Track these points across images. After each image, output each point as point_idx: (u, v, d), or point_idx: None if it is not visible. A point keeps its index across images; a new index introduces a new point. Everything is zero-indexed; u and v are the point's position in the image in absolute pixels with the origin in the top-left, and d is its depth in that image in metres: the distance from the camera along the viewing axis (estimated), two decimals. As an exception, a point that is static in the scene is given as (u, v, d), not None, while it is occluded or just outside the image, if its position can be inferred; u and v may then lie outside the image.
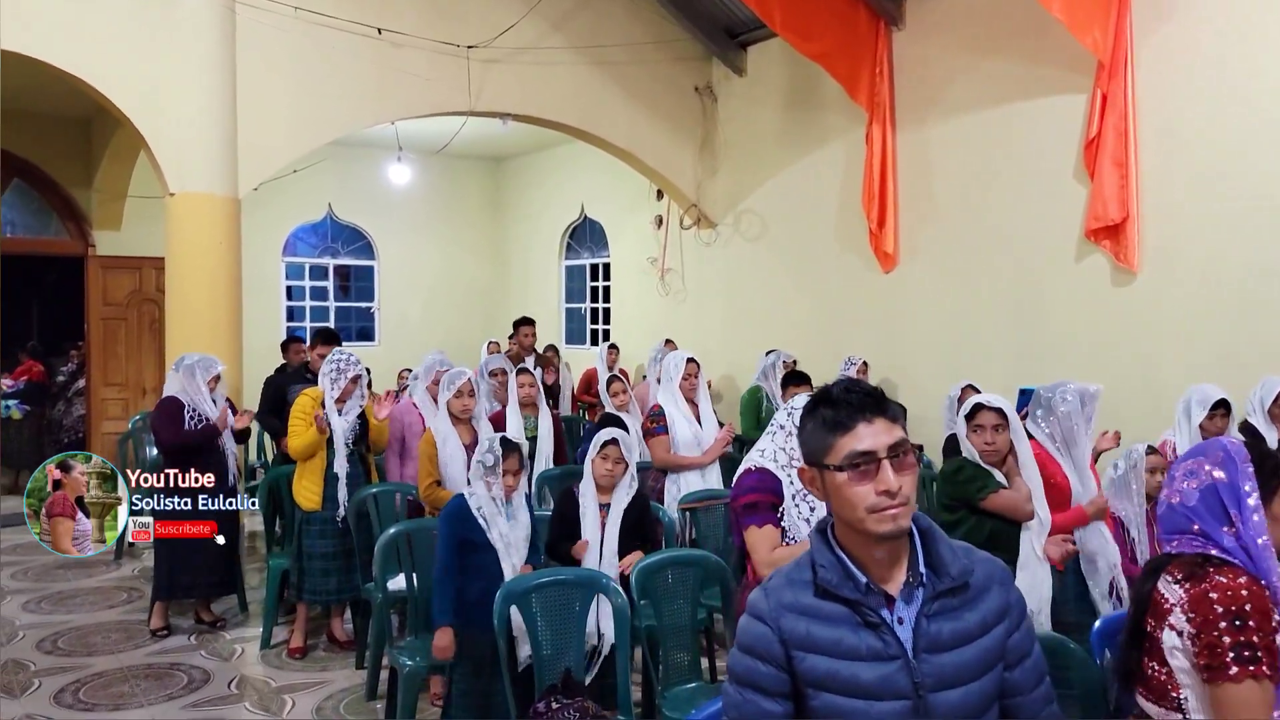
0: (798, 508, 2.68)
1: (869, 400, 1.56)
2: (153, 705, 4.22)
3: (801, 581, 1.57)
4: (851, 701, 1.51)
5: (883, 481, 1.51)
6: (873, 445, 1.53)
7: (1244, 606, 1.72)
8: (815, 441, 1.58)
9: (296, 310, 11.33)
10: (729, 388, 8.66)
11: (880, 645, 1.52)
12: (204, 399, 4.99)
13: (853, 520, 1.54)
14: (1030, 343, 6.26)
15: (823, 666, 1.52)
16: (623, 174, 9.27)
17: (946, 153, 6.83)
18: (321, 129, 6.84)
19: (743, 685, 1.57)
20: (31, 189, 9.00)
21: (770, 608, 1.56)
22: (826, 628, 1.53)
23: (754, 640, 1.56)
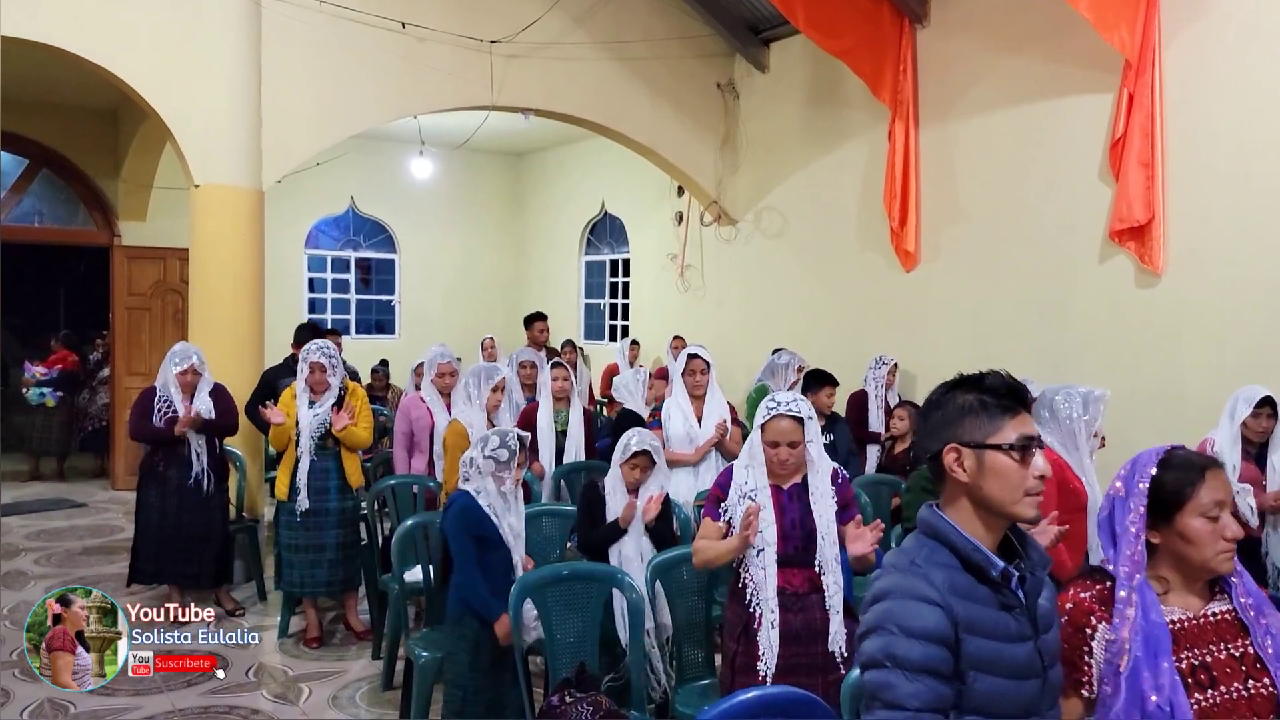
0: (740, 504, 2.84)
1: (1025, 391, 1.66)
2: (172, 691, 4.27)
3: (950, 564, 1.59)
4: (1006, 682, 1.56)
5: (1039, 467, 1.59)
6: (1034, 431, 1.62)
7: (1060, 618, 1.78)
8: (974, 423, 1.62)
9: (318, 302, 11.41)
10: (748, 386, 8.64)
11: (1019, 626, 1.59)
12: (174, 390, 5.04)
13: (1005, 501, 1.59)
14: (1053, 344, 6.20)
15: (987, 648, 1.55)
16: (643, 170, 9.26)
17: (970, 151, 6.78)
18: (345, 122, 6.88)
19: (919, 672, 1.52)
20: (59, 179, 9.09)
21: (939, 591, 1.55)
22: (983, 609, 1.57)
23: (930, 625, 1.53)
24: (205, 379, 5.18)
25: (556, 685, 3.05)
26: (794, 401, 2.86)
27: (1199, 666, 1.75)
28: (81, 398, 9.56)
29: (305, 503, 4.75)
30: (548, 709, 2.97)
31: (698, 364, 4.69)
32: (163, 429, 5.02)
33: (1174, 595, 1.81)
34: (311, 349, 4.83)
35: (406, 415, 5.09)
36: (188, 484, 5.06)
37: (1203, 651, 1.77)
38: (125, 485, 8.68)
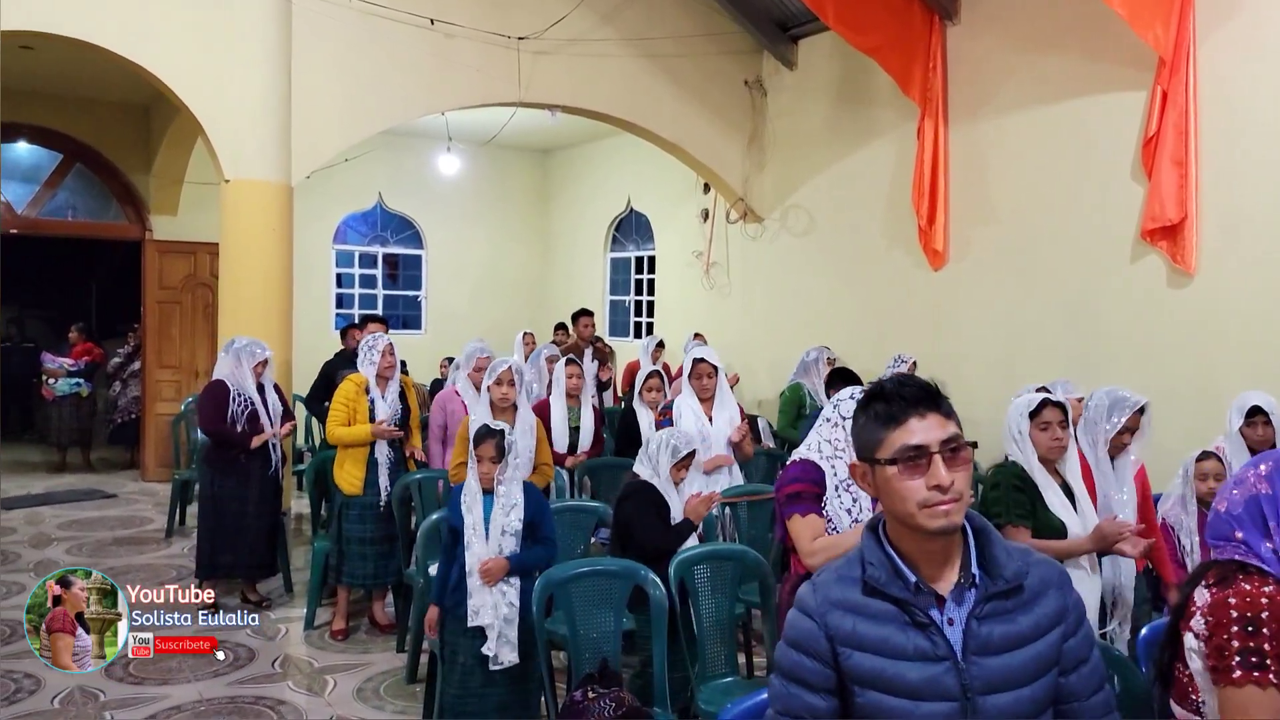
0: (839, 498, 2.69)
1: (922, 395, 1.55)
2: (200, 681, 4.32)
3: (850, 578, 1.56)
4: (897, 700, 1.50)
5: (934, 476, 1.49)
6: (924, 440, 1.52)
7: (1260, 614, 1.69)
8: (867, 435, 1.58)
9: (346, 297, 11.49)
10: (773, 383, 8.61)
11: (928, 645, 1.50)
12: (249, 384, 5.08)
13: (904, 516, 1.52)
14: (1083, 345, 6.14)
15: (868, 664, 1.51)
16: (670, 167, 9.26)
17: (1000, 149, 6.72)
18: (373, 118, 6.92)
19: (789, 679, 1.57)
20: (92, 174, 9.21)
21: (817, 603, 1.56)
22: (873, 625, 1.52)
23: (800, 635, 1.56)
24: (269, 372, 5.24)
25: (579, 681, 3.06)
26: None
27: None
28: (112, 390, 9.69)
29: (387, 494, 4.79)
30: (570, 704, 2.98)
31: (704, 368, 4.65)
32: (243, 437, 5.04)
33: None
34: (377, 339, 4.91)
35: (442, 408, 5.13)
36: (268, 475, 5.13)
37: None
38: (155, 477, 8.79)
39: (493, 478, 3.37)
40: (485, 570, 3.29)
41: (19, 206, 8.98)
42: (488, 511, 3.36)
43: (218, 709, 4.03)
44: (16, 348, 12.03)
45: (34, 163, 9.07)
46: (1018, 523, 2.98)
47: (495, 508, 3.37)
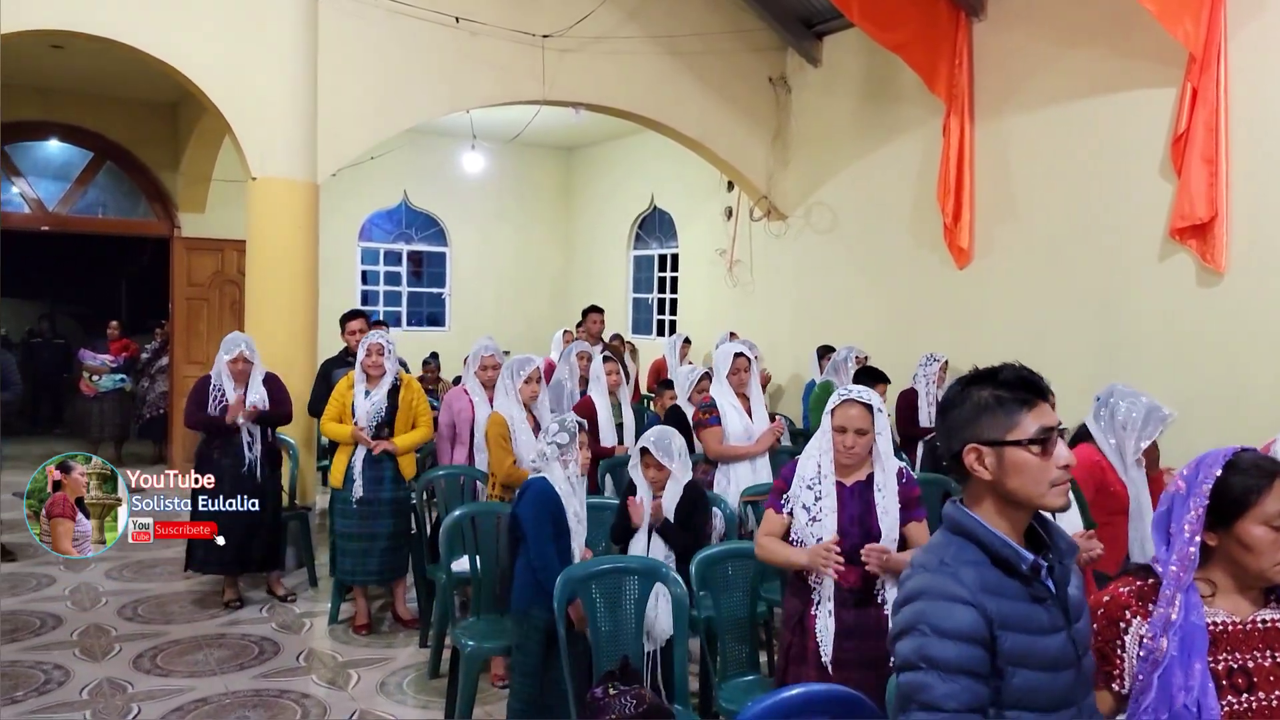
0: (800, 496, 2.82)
1: (1042, 382, 1.65)
2: (225, 674, 4.37)
3: (979, 561, 1.59)
4: (1042, 675, 1.56)
5: (1062, 456, 1.58)
6: (1052, 421, 1.60)
7: (1096, 610, 1.77)
8: (991, 420, 1.61)
9: (371, 294, 11.57)
10: (796, 382, 8.59)
11: (1050, 617, 1.58)
12: (226, 379, 5.13)
13: (1031, 495, 1.59)
14: (1111, 344, 6.07)
15: (1021, 643, 1.55)
16: (693, 165, 9.24)
17: (1027, 147, 6.66)
18: (399, 116, 6.96)
19: (955, 673, 1.51)
20: (122, 172, 9.33)
21: (970, 590, 1.54)
22: (1015, 604, 1.57)
23: (964, 624, 1.52)
24: (257, 367, 5.24)
25: (600, 678, 3.06)
26: (865, 390, 2.86)
27: (1237, 670, 1.73)
28: (141, 385, 9.82)
29: (360, 491, 4.82)
30: (591, 701, 2.98)
31: (743, 362, 4.68)
32: (215, 417, 5.10)
33: (1221, 598, 1.77)
34: (371, 334, 4.92)
35: (449, 407, 5.14)
36: (241, 472, 5.12)
37: (1245, 656, 1.74)
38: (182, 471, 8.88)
39: (587, 466, 3.48)
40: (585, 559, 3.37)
41: (50, 204, 9.12)
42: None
43: (242, 701, 4.08)
44: (48, 343, 12.22)
45: (65, 160, 9.20)
46: None
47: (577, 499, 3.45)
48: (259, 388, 5.20)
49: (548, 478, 3.41)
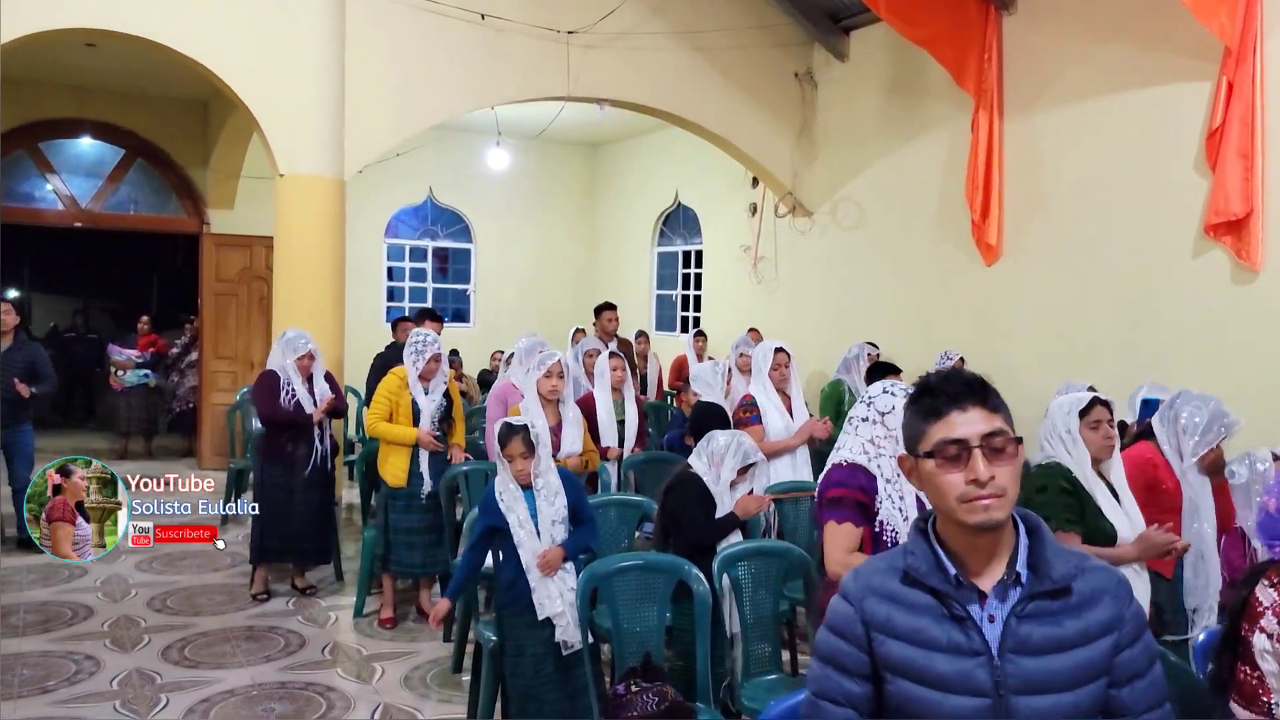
0: (889, 498, 2.64)
1: (967, 388, 1.55)
2: (252, 666, 4.41)
3: (894, 568, 1.58)
4: (927, 690, 1.50)
5: (972, 470, 1.49)
6: (964, 434, 1.51)
7: None
8: (911, 429, 1.59)
9: (396, 291, 11.63)
10: (821, 379, 8.54)
11: (962, 639, 1.50)
12: (294, 374, 5.19)
13: (946, 510, 1.53)
14: (1142, 343, 5.98)
15: (899, 652, 1.52)
16: (718, 161, 9.21)
17: (1057, 142, 6.57)
18: (425, 113, 6.99)
19: (825, 662, 1.60)
20: (152, 168, 9.44)
21: (857, 589, 1.58)
22: (908, 615, 1.53)
23: (838, 620, 1.59)
24: (318, 363, 5.32)
25: (622, 674, 3.06)
26: None
27: None
28: (170, 380, 9.93)
29: (430, 486, 4.86)
30: (613, 697, 2.98)
31: (783, 358, 4.70)
32: (297, 414, 5.16)
33: None
34: (427, 342, 4.93)
35: (503, 402, 5.14)
36: (314, 463, 5.22)
37: None
38: (211, 465, 8.98)
39: (529, 473, 3.36)
40: (545, 562, 3.29)
41: (83, 201, 9.24)
42: (532, 506, 3.35)
43: (269, 694, 4.11)
44: (81, 338, 12.39)
45: (97, 158, 9.33)
46: (1067, 528, 2.88)
47: (539, 500, 3.36)
48: (323, 383, 5.29)
49: (496, 484, 3.40)
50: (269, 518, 5.27)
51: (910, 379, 6.59)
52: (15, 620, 4.92)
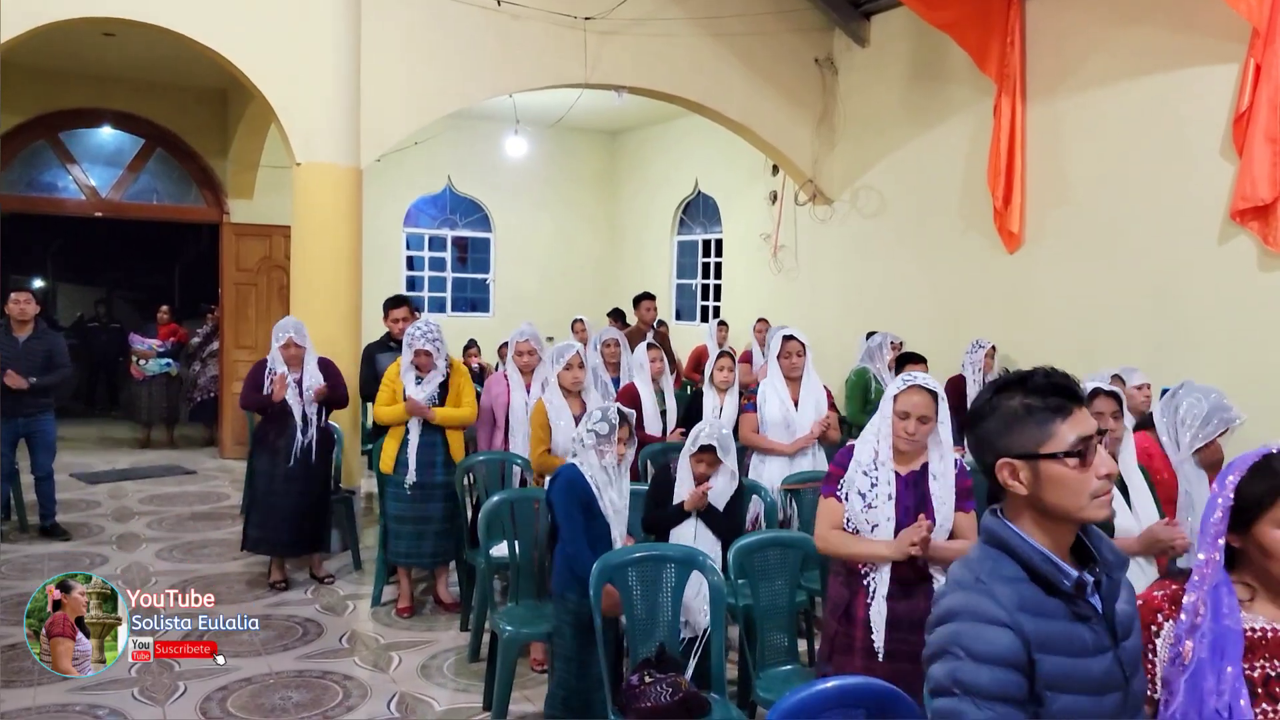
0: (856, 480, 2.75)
1: (1075, 386, 1.54)
2: (270, 654, 4.43)
3: (1017, 578, 1.49)
4: (1084, 699, 1.46)
5: (1104, 465, 1.49)
6: (1089, 430, 1.50)
7: None
8: (1024, 431, 1.51)
9: (416, 280, 11.65)
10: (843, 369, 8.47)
11: (1096, 638, 1.49)
12: (279, 363, 5.21)
13: (1071, 509, 1.49)
14: (1166, 331, 5.89)
15: (1064, 666, 1.45)
16: (738, 149, 9.14)
17: (1081, 127, 6.47)
18: (441, 101, 6.96)
19: (990, 699, 1.43)
20: (172, 158, 9.47)
21: (1008, 611, 1.45)
22: (1056, 624, 1.47)
23: (1001, 648, 1.43)
24: (309, 351, 5.30)
25: (637, 665, 3.04)
26: (930, 378, 2.81)
27: (1274, 678, 1.63)
28: (192, 369, 10.00)
29: (413, 476, 4.84)
30: (628, 688, 2.97)
31: (794, 346, 4.58)
32: (265, 396, 5.19)
33: (1260, 603, 1.67)
34: (416, 335, 4.89)
35: (489, 392, 5.17)
36: (294, 454, 5.20)
37: None
38: (233, 454, 9.05)
39: (624, 456, 3.42)
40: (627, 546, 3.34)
41: (104, 190, 9.29)
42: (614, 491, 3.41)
43: (286, 682, 4.13)
44: (104, 328, 12.51)
45: (117, 147, 9.37)
46: None
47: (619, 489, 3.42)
48: (314, 371, 5.27)
49: (579, 465, 3.40)
50: (253, 506, 5.38)
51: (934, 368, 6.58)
52: (37, 607, 4.96)
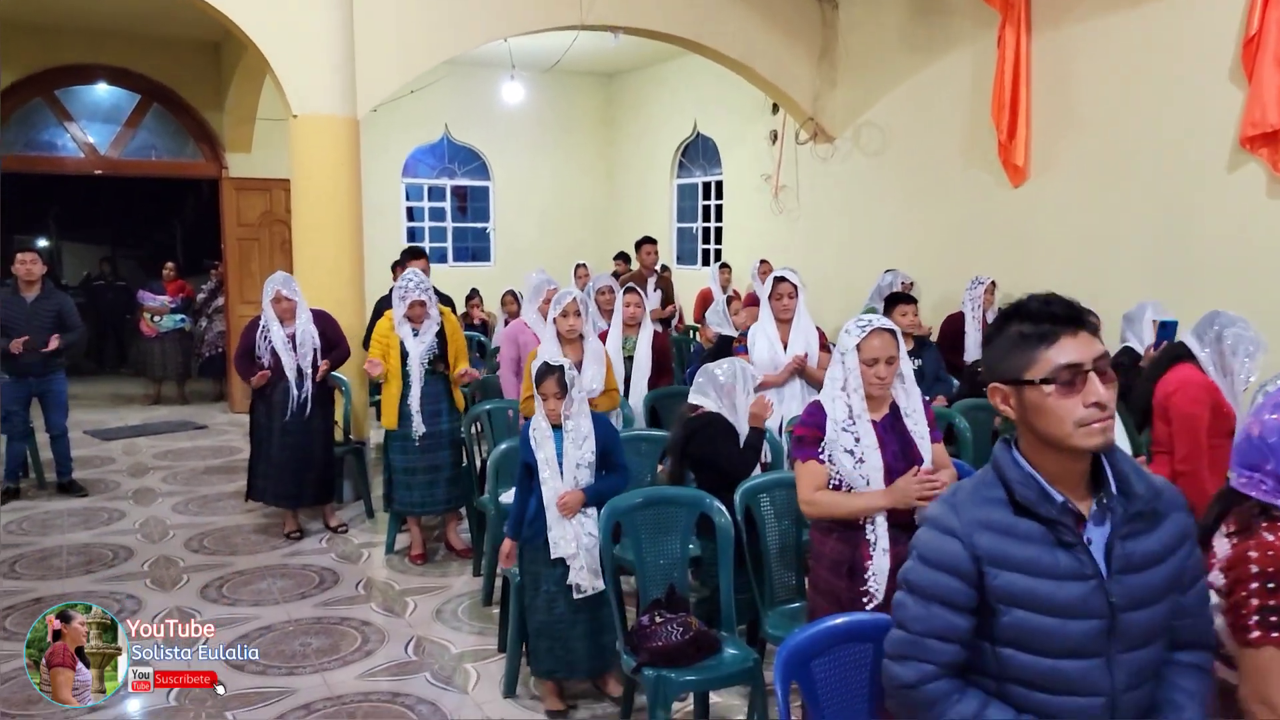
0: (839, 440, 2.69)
1: (1071, 311, 1.55)
2: (288, 603, 4.52)
3: (994, 499, 1.59)
4: (1046, 618, 1.53)
5: (1092, 393, 1.50)
6: (1079, 357, 1.51)
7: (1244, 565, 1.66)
8: (1012, 358, 1.57)
9: (417, 231, 11.60)
10: (845, 310, 8.46)
11: (1076, 564, 1.53)
12: (273, 318, 5.22)
13: (1058, 436, 1.53)
14: (1175, 262, 5.85)
15: (1019, 584, 1.54)
16: (737, 88, 9.02)
17: (1086, 55, 6.35)
18: (435, 48, 6.86)
19: (929, 599, 1.59)
20: (169, 113, 9.38)
21: (962, 524, 1.58)
22: (1021, 545, 1.55)
23: (943, 555, 1.58)
24: (300, 304, 5.29)
25: (647, 606, 3.10)
26: (880, 318, 2.80)
27: None
28: (199, 325, 10.03)
29: (421, 427, 4.89)
30: (638, 628, 3.03)
31: (785, 287, 4.56)
32: (249, 372, 5.21)
33: None
34: (410, 286, 4.89)
35: (515, 340, 5.15)
36: (290, 408, 5.23)
37: None
38: (242, 408, 9.10)
39: (559, 413, 3.38)
40: (563, 504, 3.32)
41: (102, 148, 9.23)
42: (559, 447, 3.38)
43: (305, 629, 4.22)
44: (110, 286, 12.53)
45: (114, 103, 9.28)
46: None
47: (566, 442, 3.38)
48: (307, 325, 5.26)
49: (533, 418, 3.44)
50: (254, 457, 5.46)
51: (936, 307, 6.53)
52: (59, 562, 5.06)
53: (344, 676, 3.76)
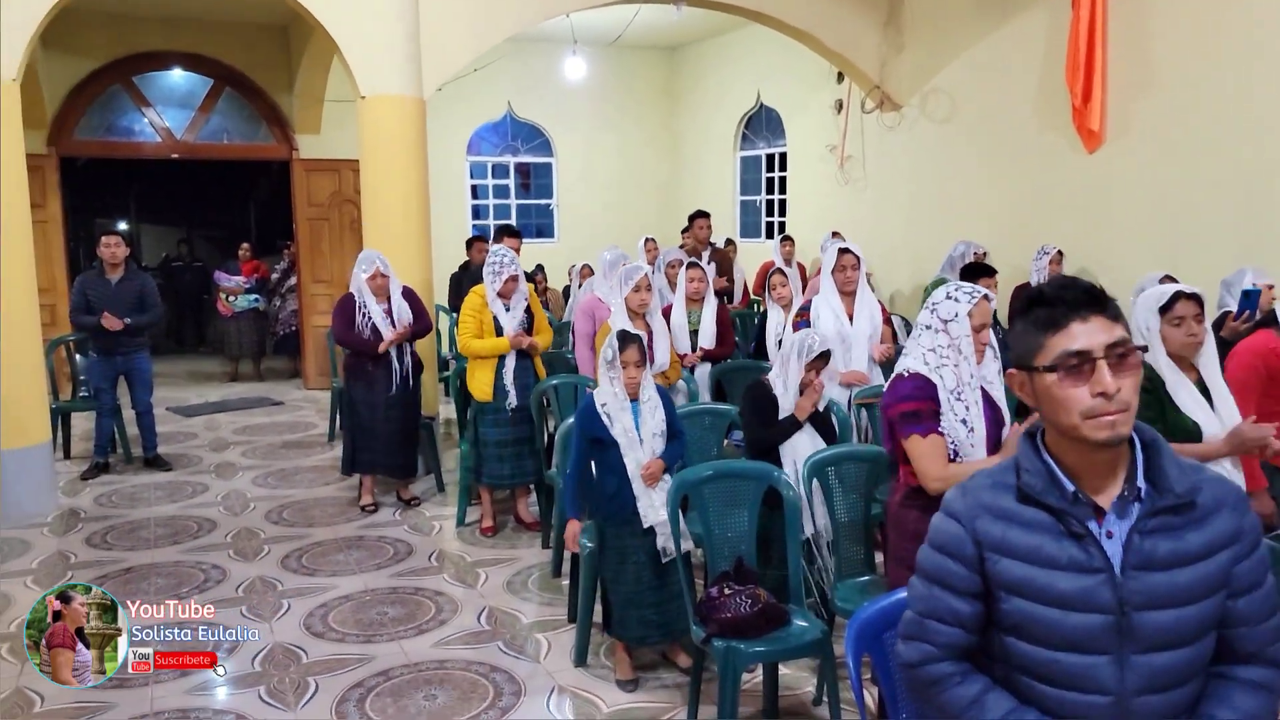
0: (952, 410, 2.63)
1: (1085, 297, 1.49)
2: (364, 573, 4.65)
3: (1004, 485, 1.56)
4: (1046, 609, 1.50)
5: (1099, 383, 1.44)
6: (1088, 344, 1.46)
7: None
8: (1026, 342, 1.53)
9: (481, 208, 11.71)
10: (913, 280, 8.33)
11: (1082, 557, 1.48)
12: (369, 295, 5.32)
13: (1067, 427, 1.48)
14: (1259, 231, 5.63)
15: (1017, 572, 1.51)
16: (801, 57, 8.88)
17: (1166, 13, 6.11)
18: (499, 24, 6.89)
19: (932, 581, 1.60)
20: (240, 97, 9.60)
21: (966, 508, 1.57)
22: (1024, 533, 1.51)
23: (946, 539, 1.58)
24: (394, 281, 5.43)
25: (715, 578, 3.12)
26: (978, 287, 2.76)
27: None
28: (273, 304, 10.30)
29: (515, 400, 4.98)
30: (707, 600, 3.05)
31: (849, 259, 4.49)
32: (367, 343, 5.31)
33: None
34: (505, 262, 4.98)
35: (590, 315, 5.19)
36: (394, 382, 5.39)
37: None
38: (316, 385, 9.37)
39: (639, 382, 3.43)
40: (650, 473, 3.38)
41: (178, 132, 9.49)
42: (635, 418, 3.42)
43: (381, 598, 4.34)
44: (188, 267, 12.93)
45: (188, 89, 9.52)
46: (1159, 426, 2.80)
47: (644, 412, 3.44)
48: (400, 302, 5.41)
49: (594, 395, 3.47)
50: (357, 432, 5.55)
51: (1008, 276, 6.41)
52: (147, 534, 5.28)
53: (420, 645, 3.86)
